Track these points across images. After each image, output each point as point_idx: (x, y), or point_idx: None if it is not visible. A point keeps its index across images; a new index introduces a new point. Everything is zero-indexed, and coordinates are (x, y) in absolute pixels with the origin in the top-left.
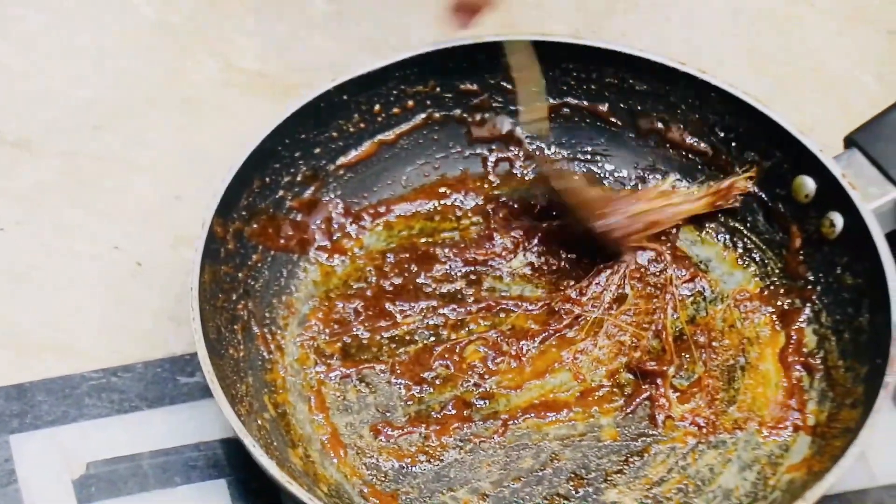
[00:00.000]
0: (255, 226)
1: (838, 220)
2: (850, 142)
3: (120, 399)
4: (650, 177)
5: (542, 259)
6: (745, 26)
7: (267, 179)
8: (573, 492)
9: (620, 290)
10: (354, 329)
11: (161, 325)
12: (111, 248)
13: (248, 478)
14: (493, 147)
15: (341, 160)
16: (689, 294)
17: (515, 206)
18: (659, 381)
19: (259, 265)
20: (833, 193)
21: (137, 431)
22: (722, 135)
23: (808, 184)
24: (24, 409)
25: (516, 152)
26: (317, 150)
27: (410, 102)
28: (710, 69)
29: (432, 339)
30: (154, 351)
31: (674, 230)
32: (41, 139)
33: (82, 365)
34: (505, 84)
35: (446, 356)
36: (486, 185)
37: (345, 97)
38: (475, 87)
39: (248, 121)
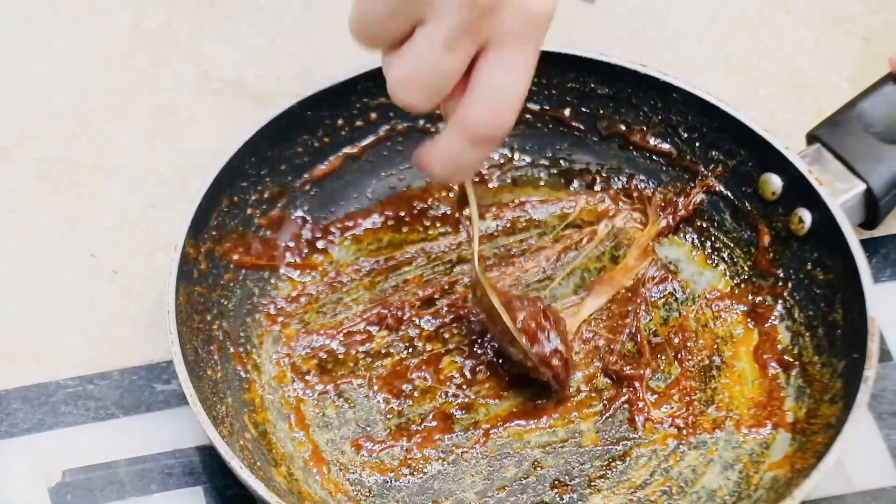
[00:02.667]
0: (226, 245)
1: (806, 216)
2: (813, 138)
3: (96, 406)
4: (615, 179)
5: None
6: (721, 33)
7: (235, 198)
8: (558, 499)
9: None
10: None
11: (137, 333)
12: (87, 256)
13: (224, 485)
14: None
15: (307, 175)
16: (661, 296)
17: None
18: (636, 384)
19: (231, 284)
20: (800, 190)
21: (114, 439)
22: (686, 135)
23: (774, 181)
24: (0, 416)
25: None
26: (283, 167)
27: (373, 115)
28: (685, 76)
29: (408, 351)
30: (130, 358)
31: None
32: (16, 146)
33: (58, 372)
34: None
35: (423, 368)
36: (451, 195)
37: (308, 113)
38: None
39: (223, 128)
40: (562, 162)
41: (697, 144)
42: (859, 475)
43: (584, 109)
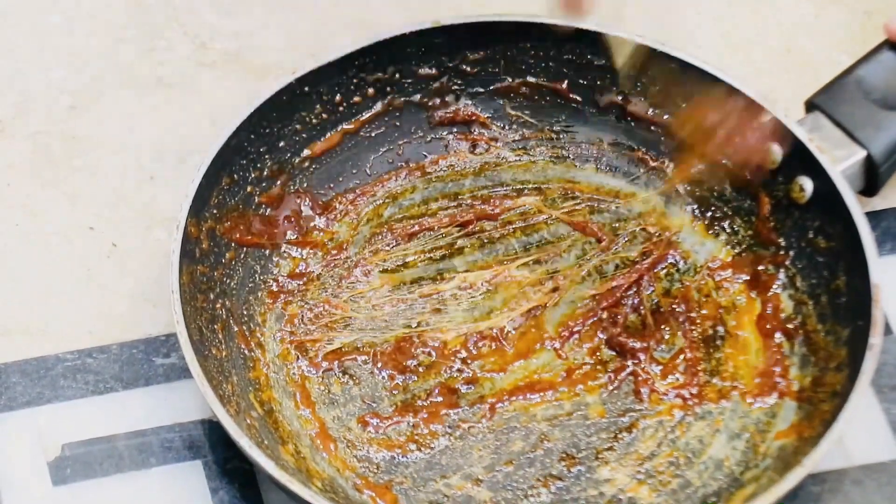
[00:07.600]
0: (226, 223)
1: (807, 184)
2: (812, 105)
3: (95, 380)
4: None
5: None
6: (720, 7)
7: (235, 176)
8: (566, 471)
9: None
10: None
11: (136, 307)
12: (85, 229)
13: (224, 459)
14: (455, 130)
15: (306, 152)
16: (663, 267)
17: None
18: (641, 355)
19: (233, 262)
20: (800, 158)
21: (113, 412)
22: (684, 105)
23: (774, 150)
24: None
25: (478, 133)
26: (281, 144)
27: (370, 90)
28: (685, 50)
29: (412, 326)
30: (129, 332)
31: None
32: (12, 120)
33: (57, 346)
34: (463, 66)
35: (428, 343)
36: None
37: (306, 89)
38: (433, 71)
39: (221, 101)
40: (561, 135)
41: None
42: (860, 449)
43: (581, 81)
